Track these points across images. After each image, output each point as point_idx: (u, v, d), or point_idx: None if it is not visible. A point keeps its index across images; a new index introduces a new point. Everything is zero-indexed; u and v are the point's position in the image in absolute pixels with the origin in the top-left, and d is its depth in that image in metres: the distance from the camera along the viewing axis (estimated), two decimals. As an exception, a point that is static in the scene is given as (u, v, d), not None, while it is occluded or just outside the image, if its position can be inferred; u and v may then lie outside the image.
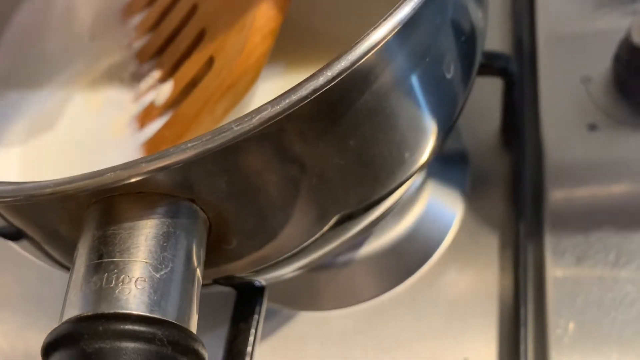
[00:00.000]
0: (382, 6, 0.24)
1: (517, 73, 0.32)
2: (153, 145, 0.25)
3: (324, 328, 0.32)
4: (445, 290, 0.32)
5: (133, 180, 0.15)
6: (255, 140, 0.16)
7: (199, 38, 0.25)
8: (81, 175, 0.15)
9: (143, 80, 0.28)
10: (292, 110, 0.15)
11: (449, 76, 0.21)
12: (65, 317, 0.15)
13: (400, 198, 0.26)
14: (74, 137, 0.28)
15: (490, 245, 0.32)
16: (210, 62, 0.24)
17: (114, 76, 0.29)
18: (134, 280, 0.15)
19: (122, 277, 0.15)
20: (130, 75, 0.29)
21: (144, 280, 0.15)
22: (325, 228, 0.22)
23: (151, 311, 0.14)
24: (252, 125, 0.14)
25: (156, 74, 0.27)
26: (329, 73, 0.15)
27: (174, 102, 0.26)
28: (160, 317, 0.14)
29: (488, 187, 0.34)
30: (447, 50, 0.21)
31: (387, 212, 0.27)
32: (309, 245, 0.23)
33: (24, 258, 0.25)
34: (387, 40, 0.16)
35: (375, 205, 0.23)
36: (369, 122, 0.19)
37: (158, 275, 0.15)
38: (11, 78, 0.30)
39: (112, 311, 0.14)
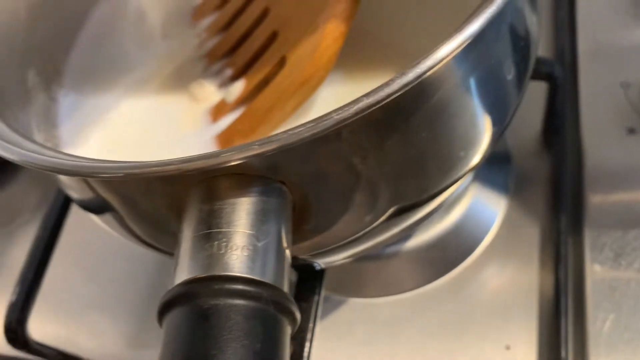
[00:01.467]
0: (443, 19, 0.27)
1: (562, 77, 0.33)
2: (226, 138, 0.27)
3: (371, 314, 0.34)
4: (487, 282, 0.34)
5: (237, 162, 0.17)
6: (343, 131, 0.18)
7: (271, 39, 0.28)
8: (193, 156, 0.17)
9: (214, 78, 0.30)
10: (382, 103, 0.17)
11: (507, 80, 0.23)
12: (178, 281, 0.17)
13: (450, 195, 0.28)
14: (148, 129, 0.30)
15: (531, 241, 0.34)
16: (282, 61, 0.26)
17: (186, 74, 0.31)
18: (240, 248, 0.17)
19: (230, 245, 0.17)
20: (200, 73, 0.31)
21: (249, 249, 0.17)
22: (382, 218, 0.24)
23: (255, 275, 0.17)
24: (350, 114, 0.16)
25: (228, 73, 0.29)
26: (411, 74, 0.17)
27: (245, 99, 0.28)
28: (264, 280, 0.16)
29: (530, 186, 0.36)
30: (507, 55, 0.23)
31: (437, 207, 0.28)
32: (365, 233, 0.25)
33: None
34: (458, 52, 0.18)
35: (430, 200, 0.25)
36: (432, 123, 0.21)
37: (260, 245, 0.17)
38: (87, 73, 0.33)
39: (223, 274, 0.16)
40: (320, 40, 0.25)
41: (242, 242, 0.17)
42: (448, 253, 0.35)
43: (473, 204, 0.35)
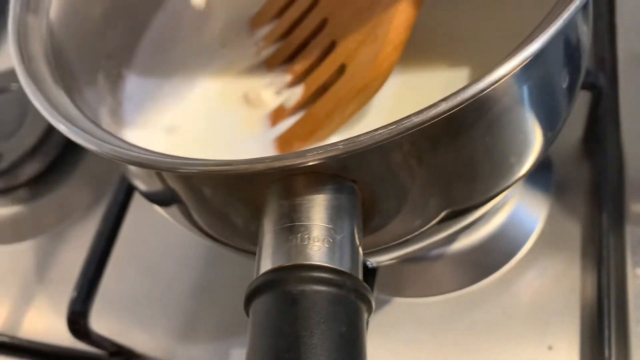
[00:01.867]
0: (496, 33, 0.28)
1: (605, 87, 0.34)
2: (285, 141, 0.29)
3: (416, 314, 0.35)
4: (529, 283, 0.34)
5: (319, 162, 0.19)
6: (414, 135, 0.20)
7: (330, 48, 0.29)
8: (278, 155, 0.19)
9: (271, 85, 0.31)
10: (455, 110, 0.18)
11: (561, 90, 0.25)
12: (263, 270, 0.18)
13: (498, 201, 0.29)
14: (208, 131, 0.31)
15: (573, 244, 0.35)
16: (341, 69, 0.28)
17: (244, 80, 0.33)
18: (320, 240, 0.18)
19: (311, 237, 0.18)
20: (258, 80, 0.32)
21: (329, 241, 0.18)
22: (435, 221, 0.25)
23: (336, 265, 0.18)
24: (427, 118, 0.17)
25: (286, 79, 0.31)
26: (482, 84, 0.18)
27: (303, 104, 0.29)
28: (345, 270, 0.18)
29: (571, 192, 0.36)
30: (562, 66, 0.24)
31: (485, 213, 0.30)
32: (418, 234, 0.26)
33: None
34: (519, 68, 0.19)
35: (481, 206, 0.27)
36: (490, 132, 0.22)
37: (338, 238, 0.18)
38: (149, 78, 0.34)
39: (307, 263, 0.18)
40: (380, 48, 0.26)
41: (322, 235, 0.18)
42: (491, 256, 0.36)
43: (516, 210, 0.36)
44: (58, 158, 0.46)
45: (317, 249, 0.18)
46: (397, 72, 0.28)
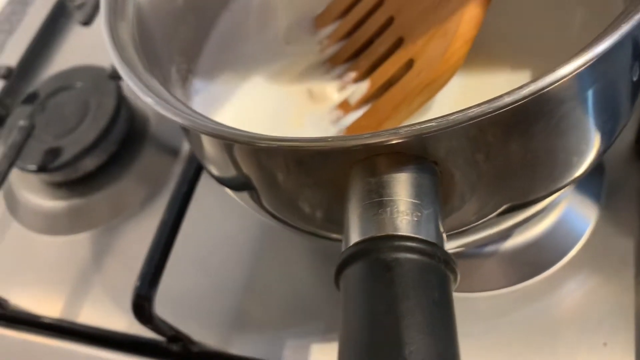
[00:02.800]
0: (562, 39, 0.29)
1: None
2: (353, 132, 0.30)
3: (468, 308, 0.35)
4: (581, 283, 0.35)
5: (402, 141, 0.20)
6: (490, 121, 0.21)
7: (396, 44, 0.30)
8: (373, 133, 0.20)
9: (335, 81, 0.33)
10: (536, 94, 0.19)
11: (624, 93, 0.25)
12: (352, 242, 0.19)
13: (552, 200, 0.30)
14: (274, 125, 0.33)
15: (625, 245, 0.35)
16: (409, 63, 0.29)
17: (307, 76, 0.34)
18: (411, 214, 0.19)
19: (401, 210, 0.19)
20: (321, 76, 0.34)
21: (417, 215, 0.19)
22: (496, 212, 0.26)
23: (425, 237, 0.19)
24: (519, 97, 0.18)
25: (351, 75, 0.32)
26: (559, 73, 0.19)
27: (368, 98, 0.31)
28: (434, 241, 0.19)
29: (622, 196, 0.37)
30: (627, 69, 0.25)
31: (540, 210, 0.30)
32: (479, 224, 0.27)
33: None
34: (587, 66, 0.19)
35: (538, 201, 0.27)
36: (555, 128, 0.23)
37: (426, 212, 0.19)
38: (215, 73, 0.36)
39: (399, 233, 0.19)
40: (450, 43, 0.27)
41: (411, 209, 0.19)
42: (542, 255, 0.36)
43: (567, 210, 0.37)
44: (115, 154, 0.48)
45: (406, 222, 0.19)
46: (460, 69, 0.29)
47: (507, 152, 0.23)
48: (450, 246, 0.30)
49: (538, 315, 0.35)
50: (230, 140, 0.22)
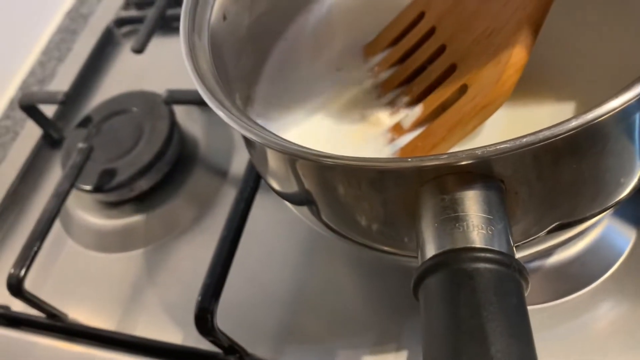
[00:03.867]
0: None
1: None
2: (407, 153, 0.32)
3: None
4: (622, 298, 0.36)
5: (474, 162, 0.22)
6: (556, 144, 0.22)
7: (449, 70, 0.32)
8: (437, 155, 0.22)
9: (387, 105, 0.35)
10: (592, 123, 0.21)
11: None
12: (428, 255, 0.21)
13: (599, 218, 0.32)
14: (332, 147, 0.35)
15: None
16: (462, 88, 0.31)
17: (360, 101, 0.36)
18: (485, 228, 0.21)
19: (475, 225, 0.21)
20: (373, 101, 0.36)
21: (491, 229, 0.21)
22: (546, 230, 0.28)
23: (499, 248, 0.21)
24: (586, 120, 0.20)
25: (403, 100, 0.34)
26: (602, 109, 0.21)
27: (421, 122, 0.33)
28: (508, 253, 0.21)
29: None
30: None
31: (581, 230, 0.32)
32: (529, 241, 0.29)
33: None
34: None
35: (587, 220, 0.29)
36: (608, 152, 0.25)
37: (499, 227, 0.21)
38: (273, 100, 0.38)
39: (477, 246, 0.20)
40: (503, 70, 0.29)
41: (484, 224, 0.21)
42: (584, 271, 0.38)
43: (607, 229, 0.39)
44: (167, 176, 0.50)
45: (482, 235, 0.21)
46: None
47: (563, 173, 0.25)
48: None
49: (580, 330, 0.36)
50: (314, 161, 0.24)
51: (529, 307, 0.36)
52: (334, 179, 0.26)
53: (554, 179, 0.25)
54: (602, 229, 0.39)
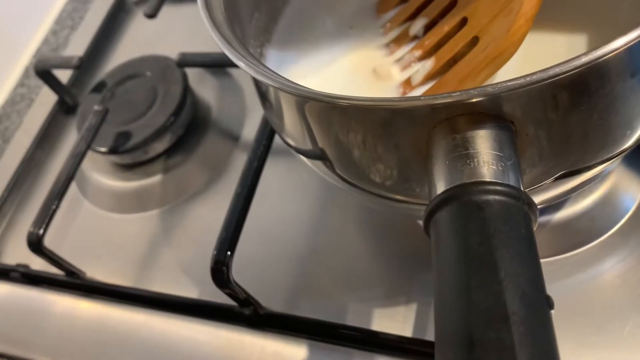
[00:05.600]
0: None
1: None
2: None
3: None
4: (631, 251, 0.37)
5: (483, 99, 0.22)
6: (565, 83, 0.23)
7: (461, 23, 0.33)
8: (447, 93, 0.22)
9: (399, 60, 0.35)
10: (593, 64, 0.21)
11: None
12: (440, 191, 0.22)
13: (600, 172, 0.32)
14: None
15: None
16: (473, 41, 0.31)
17: (372, 56, 0.36)
18: (496, 164, 0.22)
19: (486, 161, 0.22)
20: (385, 56, 0.36)
21: (501, 165, 0.22)
22: (552, 178, 0.28)
23: (511, 183, 0.21)
24: (595, 56, 0.20)
25: (415, 54, 0.34)
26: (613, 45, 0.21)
27: (433, 75, 0.33)
28: (519, 187, 0.21)
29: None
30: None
31: (592, 179, 0.32)
32: (536, 188, 0.29)
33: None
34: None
35: (592, 169, 0.29)
36: (613, 93, 0.25)
37: (509, 163, 0.22)
38: (286, 51, 0.38)
39: (487, 179, 0.21)
40: (514, 21, 0.29)
41: (494, 160, 0.22)
42: (592, 225, 0.38)
43: (615, 184, 0.39)
44: (181, 139, 0.51)
45: (493, 170, 0.21)
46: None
47: (572, 115, 0.25)
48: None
49: (587, 282, 0.37)
50: (325, 102, 0.24)
51: (548, 259, 0.38)
52: (347, 122, 0.27)
53: (563, 121, 0.25)
54: (609, 185, 0.39)
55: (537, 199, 0.31)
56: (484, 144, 0.22)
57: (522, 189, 0.22)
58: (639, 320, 0.34)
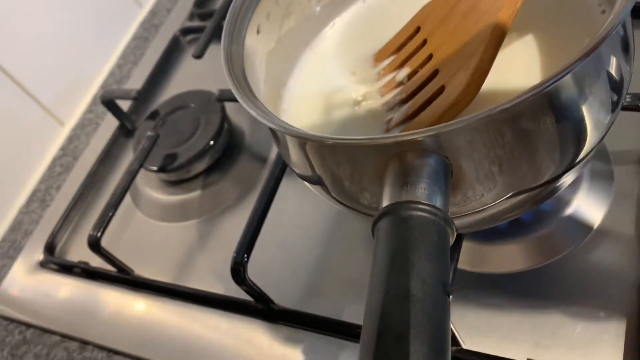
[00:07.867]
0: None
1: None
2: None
3: (494, 284, 0.44)
4: (596, 262, 0.43)
5: (425, 138, 0.30)
6: (501, 119, 0.30)
7: (433, 74, 0.40)
8: (409, 132, 0.30)
9: (387, 102, 0.43)
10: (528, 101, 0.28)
11: (601, 108, 0.34)
12: (384, 205, 0.30)
13: (554, 195, 0.38)
14: (344, 129, 0.43)
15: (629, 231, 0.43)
16: (441, 89, 0.39)
17: (368, 97, 0.44)
18: (425, 188, 0.29)
19: (420, 186, 0.29)
20: (378, 99, 0.44)
21: (430, 190, 0.29)
22: (504, 197, 0.35)
23: (437, 204, 0.29)
24: (515, 103, 0.28)
25: (399, 97, 0.42)
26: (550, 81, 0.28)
27: (409, 116, 0.41)
28: (439, 207, 0.29)
29: (629, 203, 0.44)
30: (603, 89, 0.33)
31: (546, 196, 0.38)
32: (490, 206, 0.36)
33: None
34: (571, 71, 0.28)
35: (538, 188, 0.35)
36: (554, 120, 0.31)
37: (436, 188, 0.29)
38: (300, 93, 0.47)
39: (415, 199, 0.28)
40: (470, 75, 0.37)
41: (425, 185, 0.29)
42: (559, 241, 0.44)
43: (575, 210, 0.45)
44: (218, 160, 0.60)
45: (421, 193, 0.29)
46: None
47: (492, 152, 0.31)
48: (470, 221, 0.39)
49: (556, 291, 0.43)
50: (316, 141, 0.32)
51: (510, 272, 0.44)
52: (335, 156, 0.35)
53: (486, 158, 0.32)
54: (573, 209, 0.45)
55: (489, 212, 0.37)
56: (420, 173, 0.30)
57: (446, 208, 0.29)
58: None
